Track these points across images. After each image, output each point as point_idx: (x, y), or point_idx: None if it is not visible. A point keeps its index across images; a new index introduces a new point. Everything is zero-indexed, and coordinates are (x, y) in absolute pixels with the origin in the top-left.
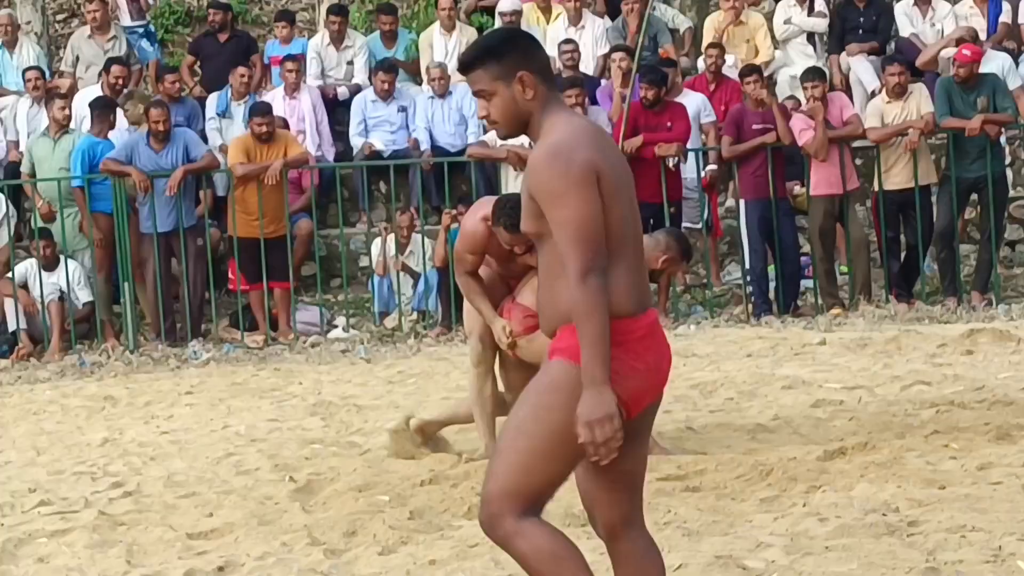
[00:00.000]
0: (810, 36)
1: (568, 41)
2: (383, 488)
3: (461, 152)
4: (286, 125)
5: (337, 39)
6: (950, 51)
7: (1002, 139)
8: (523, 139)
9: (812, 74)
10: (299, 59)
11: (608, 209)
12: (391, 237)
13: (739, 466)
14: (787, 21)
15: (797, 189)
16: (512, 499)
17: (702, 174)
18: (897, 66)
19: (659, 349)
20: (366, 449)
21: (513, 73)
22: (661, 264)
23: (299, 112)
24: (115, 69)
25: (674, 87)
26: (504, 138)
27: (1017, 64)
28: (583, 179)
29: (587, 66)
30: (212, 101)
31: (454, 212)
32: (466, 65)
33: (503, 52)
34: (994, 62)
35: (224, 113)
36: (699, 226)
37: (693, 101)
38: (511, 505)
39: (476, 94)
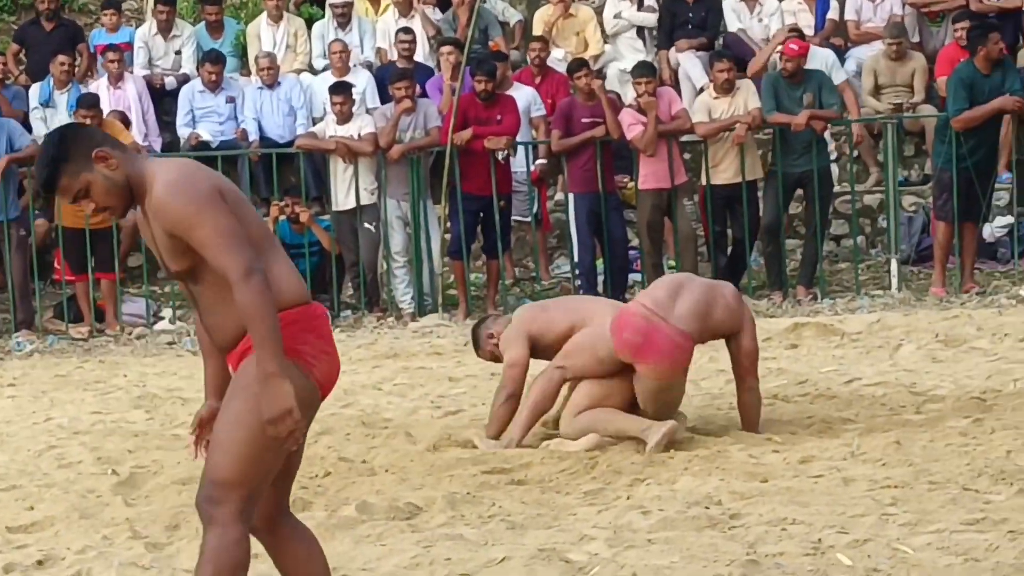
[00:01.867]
0: (640, 31)
1: (406, 30)
2: None
3: (290, 143)
4: (124, 118)
5: (165, 28)
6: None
7: (827, 134)
8: (351, 129)
9: (643, 69)
10: (121, 49)
11: (242, 218)
12: None
13: (564, 459)
14: (617, 15)
15: (627, 190)
16: (235, 488)
17: (531, 168)
18: (725, 62)
19: (331, 338)
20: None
21: (88, 160)
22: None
23: (124, 102)
24: None
25: (504, 80)
26: (122, 216)
27: (843, 60)
28: (209, 197)
29: (419, 58)
30: (35, 91)
31: (282, 203)
32: (49, 188)
33: (67, 150)
34: (818, 58)
35: (47, 103)
36: (528, 219)
37: (524, 95)
38: (234, 495)
39: (75, 201)
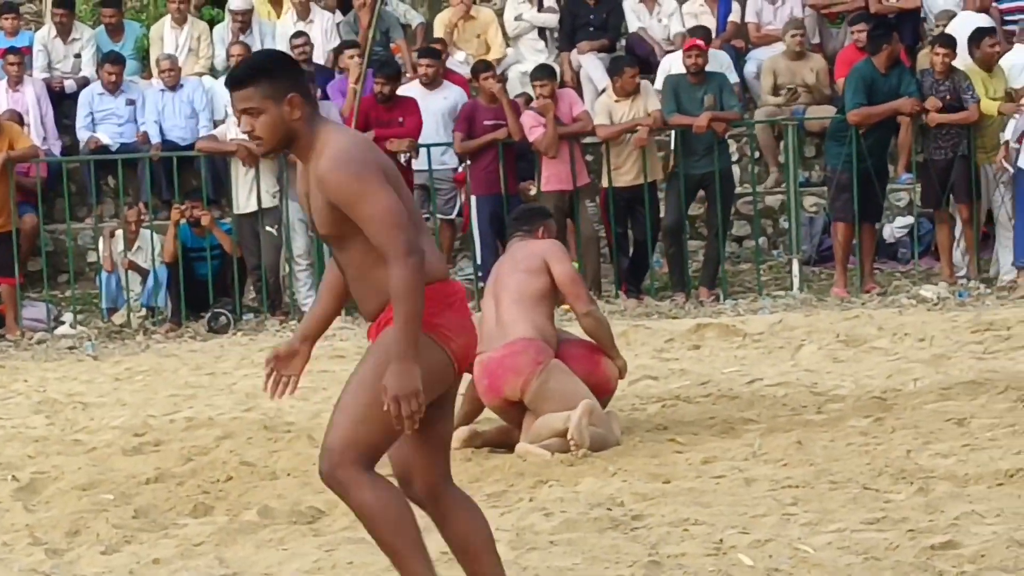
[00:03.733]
0: (541, 32)
1: (299, 34)
2: (107, 487)
3: (191, 146)
4: (20, 119)
5: (63, 32)
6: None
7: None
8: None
9: (542, 72)
10: (21, 52)
11: (400, 198)
12: (119, 232)
13: (468, 461)
14: (518, 17)
15: (532, 191)
16: (351, 448)
17: (459, 168)
18: (628, 69)
19: (471, 316)
20: (91, 447)
21: (284, 94)
22: None
23: (23, 105)
24: None
25: (437, 77)
26: (264, 155)
27: (744, 62)
28: (376, 176)
29: (318, 60)
30: None
31: (183, 207)
32: (238, 82)
33: (276, 73)
34: (715, 61)
35: None
36: (452, 217)
37: (452, 93)
38: (351, 455)
39: (243, 111)
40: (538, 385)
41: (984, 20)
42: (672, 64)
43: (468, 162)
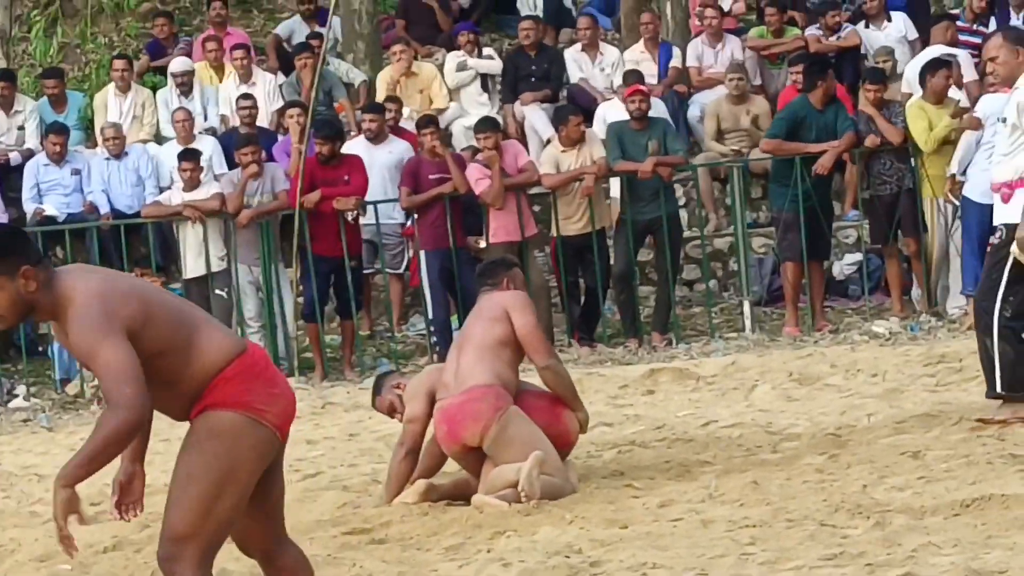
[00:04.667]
0: (484, 84)
1: (246, 96)
2: (65, 557)
3: (139, 214)
4: None
5: (6, 104)
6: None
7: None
8: (199, 196)
9: (485, 124)
10: None
11: (152, 316)
12: None
13: (425, 515)
14: (461, 66)
15: (481, 244)
16: (190, 542)
17: (408, 223)
18: (573, 118)
19: (281, 376)
20: (48, 518)
21: (16, 269)
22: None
23: None
24: None
25: (382, 132)
26: (6, 328)
27: (687, 107)
28: (104, 330)
29: (262, 122)
30: None
31: (135, 274)
32: None
33: (4, 250)
34: (659, 106)
35: None
36: (400, 271)
37: (398, 148)
38: (190, 549)
39: None
40: (497, 431)
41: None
42: (607, 112)
43: (416, 216)
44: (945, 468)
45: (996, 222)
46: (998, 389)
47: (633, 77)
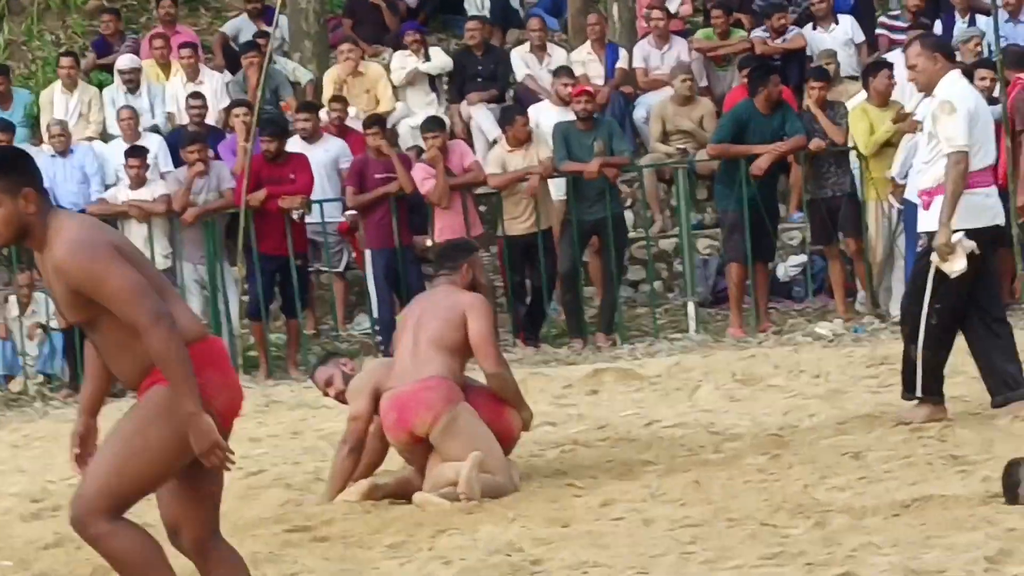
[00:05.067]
0: (432, 84)
1: (196, 95)
2: (6, 553)
3: (84, 211)
4: None
5: None
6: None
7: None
8: (145, 194)
9: (432, 124)
10: None
11: (139, 268)
12: (12, 297)
13: (367, 513)
14: (405, 67)
15: (427, 243)
16: (102, 498)
17: (341, 219)
18: (520, 118)
19: (235, 373)
20: None
21: (18, 189)
22: None
23: None
24: None
25: (315, 132)
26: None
27: (633, 108)
28: (109, 255)
29: (210, 120)
30: None
31: None
32: None
33: (11, 169)
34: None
35: None
36: (339, 270)
37: (333, 146)
38: (101, 504)
39: None
40: (447, 422)
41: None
42: (540, 113)
43: (354, 212)
44: (886, 469)
45: (919, 229)
46: (917, 392)
47: (563, 72)
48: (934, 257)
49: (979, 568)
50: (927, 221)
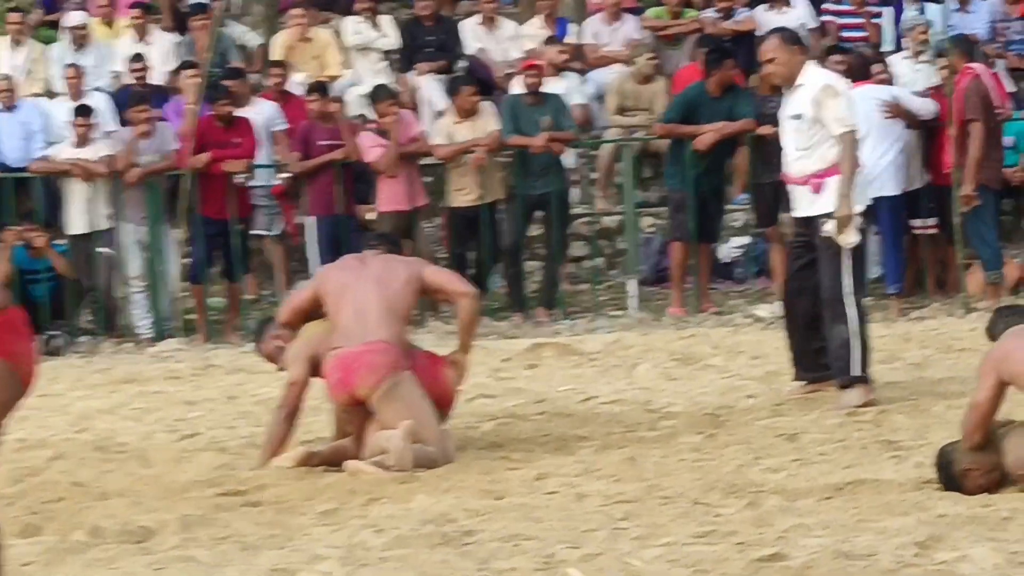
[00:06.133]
0: (383, 53)
1: (137, 57)
2: None
3: (26, 168)
4: None
5: None
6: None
7: (570, 158)
8: (89, 153)
9: (383, 92)
10: None
11: None
12: None
13: (300, 480)
14: (357, 40)
15: (370, 215)
16: None
17: (273, 182)
18: (466, 88)
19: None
20: None
21: None
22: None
23: None
24: None
25: (243, 96)
26: None
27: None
28: None
29: (157, 81)
30: None
31: (17, 229)
32: None
33: None
34: (561, 83)
35: None
36: (274, 233)
37: (264, 109)
38: None
39: None
40: (388, 387)
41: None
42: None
43: (288, 175)
44: (820, 451)
45: (811, 213)
46: (855, 372)
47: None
48: (830, 228)
49: (909, 553)
50: (821, 203)
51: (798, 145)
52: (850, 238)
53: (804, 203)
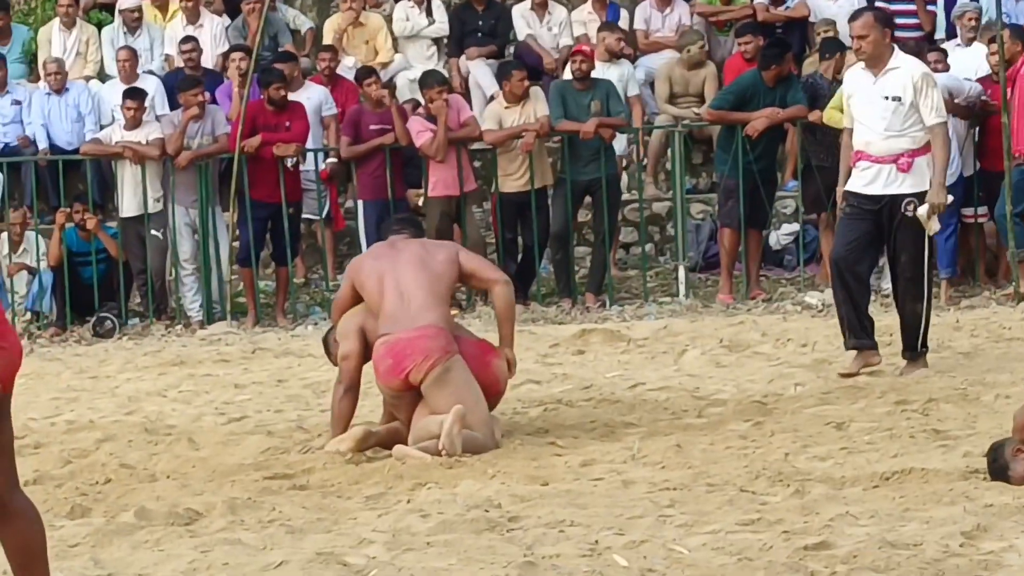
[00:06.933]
0: (434, 38)
1: (188, 39)
2: None
3: (78, 150)
4: None
5: None
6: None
7: (620, 144)
8: (139, 135)
9: (434, 77)
10: None
11: None
12: (3, 235)
13: (347, 463)
14: (407, 26)
15: (420, 199)
16: None
17: (321, 167)
18: (519, 72)
19: (12, 331)
20: None
21: None
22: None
23: None
24: None
25: (295, 80)
26: None
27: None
28: None
29: (207, 64)
30: None
31: (68, 211)
32: None
33: None
34: (615, 70)
35: None
36: (319, 217)
37: (315, 94)
38: None
39: None
40: (440, 372)
41: None
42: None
43: (335, 160)
44: (868, 440)
45: (899, 191)
46: (923, 347)
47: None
48: (923, 213)
49: (955, 543)
50: (909, 182)
51: (890, 126)
52: (936, 225)
53: (885, 181)
